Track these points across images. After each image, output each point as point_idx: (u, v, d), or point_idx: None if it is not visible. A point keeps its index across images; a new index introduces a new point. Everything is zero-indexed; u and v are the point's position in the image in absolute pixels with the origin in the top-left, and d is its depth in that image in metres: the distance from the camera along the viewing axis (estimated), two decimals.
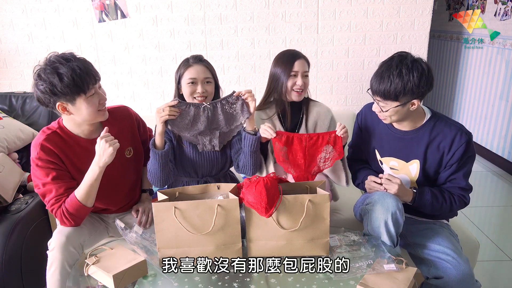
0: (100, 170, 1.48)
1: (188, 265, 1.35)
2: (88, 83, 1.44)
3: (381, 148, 1.67)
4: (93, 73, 1.48)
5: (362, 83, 2.83)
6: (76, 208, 1.50)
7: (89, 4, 2.64)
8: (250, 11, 2.67)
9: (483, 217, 2.88)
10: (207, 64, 1.74)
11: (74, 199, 1.49)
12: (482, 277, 2.21)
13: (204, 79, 1.69)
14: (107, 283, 1.29)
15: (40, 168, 1.51)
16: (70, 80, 1.40)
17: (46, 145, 1.51)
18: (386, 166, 1.68)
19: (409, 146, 1.59)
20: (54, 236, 1.52)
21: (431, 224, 1.68)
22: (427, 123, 1.57)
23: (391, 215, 1.44)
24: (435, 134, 1.55)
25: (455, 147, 1.52)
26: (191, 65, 1.69)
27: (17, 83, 2.80)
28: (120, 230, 1.46)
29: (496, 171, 3.66)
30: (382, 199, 1.48)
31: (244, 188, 1.38)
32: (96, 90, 1.49)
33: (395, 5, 2.65)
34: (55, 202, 1.51)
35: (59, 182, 1.52)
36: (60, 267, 1.46)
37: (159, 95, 2.84)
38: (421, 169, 1.59)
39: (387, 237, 1.47)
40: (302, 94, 1.80)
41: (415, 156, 1.59)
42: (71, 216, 1.51)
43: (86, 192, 1.49)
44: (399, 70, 1.43)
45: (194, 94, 1.69)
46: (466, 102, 4.16)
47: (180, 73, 1.72)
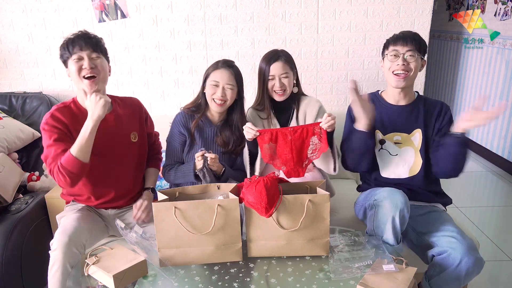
0: (94, 124, 1.54)
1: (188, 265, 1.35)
2: (73, 47, 1.59)
3: (382, 126, 1.76)
4: (81, 41, 1.60)
5: (362, 83, 2.82)
6: (71, 164, 1.53)
7: (89, 4, 2.64)
8: (250, 11, 2.66)
9: (483, 217, 2.88)
10: (234, 70, 1.81)
11: (69, 155, 1.53)
12: (482, 277, 2.21)
13: (226, 84, 1.76)
14: (107, 283, 1.29)
15: (45, 132, 1.60)
16: (64, 46, 1.62)
17: (56, 114, 1.63)
18: (389, 142, 1.75)
19: (410, 117, 1.75)
20: (56, 236, 1.52)
21: (431, 207, 1.74)
22: (418, 98, 1.79)
23: (399, 212, 1.46)
24: (428, 105, 1.77)
25: (443, 112, 1.75)
26: (219, 68, 1.78)
27: (17, 83, 2.80)
28: (120, 230, 1.46)
29: (496, 171, 3.66)
30: (392, 195, 1.51)
31: (244, 188, 1.38)
32: (83, 57, 1.60)
33: (395, 5, 2.65)
34: (52, 161, 1.56)
35: (60, 143, 1.58)
36: (62, 267, 1.46)
37: (159, 95, 2.84)
38: (423, 137, 1.73)
39: (391, 234, 1.48)
40: (284, 94, 1.85)
41: (416, 126, 1.74)
42: (67, 172, 1.53)
43: (81, 147, 1.53)
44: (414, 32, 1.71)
45: (213, 95, 1.77)
46: (466, 102, 4.16)
47: (208, 72, 1.80)
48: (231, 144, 1.85)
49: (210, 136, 1.86)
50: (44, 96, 2.56)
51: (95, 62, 1.63)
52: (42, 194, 2.12)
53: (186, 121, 1.85)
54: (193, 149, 1.85)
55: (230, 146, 1.85)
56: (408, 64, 1.67)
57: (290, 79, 1.84)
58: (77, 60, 1.60)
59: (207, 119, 1.87)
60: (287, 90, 1.84)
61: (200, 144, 1.84)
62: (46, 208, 2.09)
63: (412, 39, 1.67)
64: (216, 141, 1.86)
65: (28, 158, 2.39)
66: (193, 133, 1.84)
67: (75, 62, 1.60)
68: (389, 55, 1.70)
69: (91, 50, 1.62)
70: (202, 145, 1.82)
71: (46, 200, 2.08)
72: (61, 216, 1.70)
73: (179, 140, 1.86)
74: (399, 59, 1.67)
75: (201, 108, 1.86)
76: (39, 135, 2.42)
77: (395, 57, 1.68)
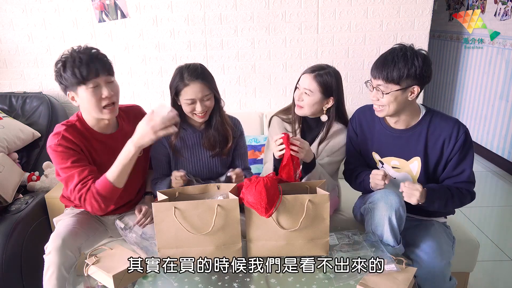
0: (136, 150, 1.44)
1: (188, 265, 1.35)
2: (87, 74, 1.44)
3: (380, 149, 1.67)
4: (95, 65, 1.47)
5: (362, 83, 2.82)
6: (107, 190, 1.46)
7: (89, 4, 2.64)
8: (250, 11, 2.66)
9: (483, 217, 2.88)
10: (203, 79, 1.65)
11: (106, 180, 1.46)
12: (482, 277, 2.21)
13: (203, 97, 1.65)
14: (107, 283, 1.29)
15: (60, 154, 1.49)
16: (71, 70, 1.44)
17: (67, 135, 1.52)
18: (387, 165, 1.67)
19: (408, 144, 1.60)
20: (51, 239, 1.51)
21: (424, 222, 1.68)
22: (423, 119, 1.58)
23: (395, 212, 1.44)
24: (433, 129, 1.56)
25: (454, 138, 1.53)
26: (188, 85, 1.63)
27: (17, 83, 2.80)
28: (120, 230, 1.46)
29: (496, 171, 3.66)
30: (385, 196, 1.48)
31: (244, 188, 1.38)
32: (100, 83, 1.49)
33: (395, 5, 2.65)
34: (82, 186, 1.47)
35: (80, 165, 1.49)
36: (57, 271, 1.44)
37: (159, 95, 2.84)
38: (422, 166, 1.59)
39: (390, 235, 1.47)
40: (302, 110, 1.77)
41: (415, 154, 1.60)
42: (102, 198, 1.47)
43: (119, 172, 1.45)
44: (404, 53, 1.45)
45: (194, 111, 1.67)
46: (466, 102, 4.16)
47: (177, 89, 1.66)
48: (217, 145, 1.76)
49: (195, 142, 1.78)
50: (44, 96, 2.56)
51: (113, 88, 1.53)
52: (42, 194, 2.12)
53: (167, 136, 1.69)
54: (179, 160, 1.77)
55: (217, 148, 1.77)
56: (378, 100, 1.51)
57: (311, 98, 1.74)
58: (94, 88, 1.47)
59: (189, 126, 1.77)
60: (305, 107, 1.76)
61: (187, 154, 1.76)
62: (46, 208, 2.09)
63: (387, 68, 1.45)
64: (203, 146, 1.77)
65: (28, 158, 2.39)
66: (174, 145, 1.74)
67: (92, 91, 1.47)
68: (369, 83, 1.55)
69: (107, 74, 1.50)
70: (188, 154, 1.76)
71: (46, 200, 2.09)
72: (58, 220, 1.69)
73: (162, 153, 1.77)
74: (373, 91, 1.52)
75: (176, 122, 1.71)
76: (39, 135, 2.42)
77: (371, 86, 1.53)
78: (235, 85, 2.79)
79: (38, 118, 2.48)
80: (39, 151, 2.40)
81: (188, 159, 1.77)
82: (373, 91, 1.52)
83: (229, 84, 2.79)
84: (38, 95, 2.56)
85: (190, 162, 1.78)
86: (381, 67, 1.47)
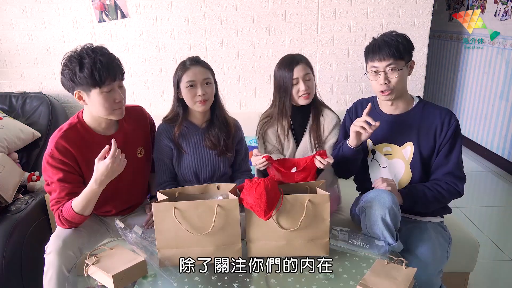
0: (99, 189, 1.47)
1: (188, 265, 1.35)
2: (105, 78, 1.45)
3: (374, 135, 1.67)
4: (114, 70, 1.48)
5: (362, 83, 2.82)
6: (71, 216, 1.50)
7: (89, 4, 2.64)
8: (250, 11, 2.66)
9: (483, 217, 2.88)
10: (204, 64, 1.71)
11: (70, 209, 1.49)
12: (482, 277, 2.22)
13: (203, 81, 1.66)
14: (107, 283, 1.29)
15: (50, 166, 1.51)
16: (89, 72, 1.43)
17: (62, 143, 1.51)
18: (379, 154, 1.69)
19: (401, 129, 1.64)
20: (51, 240, 1.52)
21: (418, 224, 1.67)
22: (417, 106, 1.65)
23: (388, 210, 1.44)
24: (426, 115, 1.62)
25: (446, 125, 1.59)
26: (189, 68, 1.66)
27: (17, 83, 2.80)
28: (120, 230, 1.46)
29: (496, 171, 3.66)
30: (378, 196, 1.49)
31: (245, 189, 1.38)
32: (114, 88, 1.50)
33: (395, 5, 2.65)
34: (55, 203, 1.53)
35: (64, 184, 1.52)
36: (57, 271, 1.45)
37: (159, 95, 2.84)
38: (415, 151, 1.62)
39: (387, 232, 1.46)
40: (309, 97, 1.79)
41: (408, 139, 1.63)
42: (67, 222, 1.52)
43: (83, 205, 1.49)
44: (388, 35, 1.57)
45: (195, 98, 1.67)
46: (466, 102, 4.16)
47: (178, 76, 1.69)
48: (221, 142, 1.76)
49: (198, 141, 1.77)
50: (44, 96, 2.56)
51: (123, 92, 1.54)
52: (42, 194, 2.12)
53: (169, 132, 1.75)
54: (182, 159, 1.77)
55: (221, 146, 1.76)
56: (390, 82, 1.55)
57: (311, 81, 1.79)
58: (108, 92, 1.48)
59: (191, 125, 1.77)
60: (311, 92, 1.79)
61: (191, 152, 1.76)
62: (46, 208, 2.09)
63: (389, 47, 1.52)
64: (205, 145, 1.77)
65: (28, 158, 2.39)
66: (178, 142, 1.74)
67: (106, 94, 1.47)
68: (369, 72, 1.59)
69: (121, 79, 1.52)
70: (192, 153, 1.76)
71: (46, 200, 2.08)
72: None
73: (167, 155, 1.77)
74: (381, 77, 1.55)
75: (179, 117, 1.75)
76: (39, 135, 2.43)
77: (376, 74, 1.57)
78: (235, 85, 2.79)
79: (38, 118, 2.48)
80: (39, 151, 2.40)
81: (191, 157, 1.77)
82: (381, 75, 1.55)
83: (229, 84, 2.79)
84: (38, 95, 2.56)
85: (193, 160, 1.77)
86: (385, 47, 1.53)
